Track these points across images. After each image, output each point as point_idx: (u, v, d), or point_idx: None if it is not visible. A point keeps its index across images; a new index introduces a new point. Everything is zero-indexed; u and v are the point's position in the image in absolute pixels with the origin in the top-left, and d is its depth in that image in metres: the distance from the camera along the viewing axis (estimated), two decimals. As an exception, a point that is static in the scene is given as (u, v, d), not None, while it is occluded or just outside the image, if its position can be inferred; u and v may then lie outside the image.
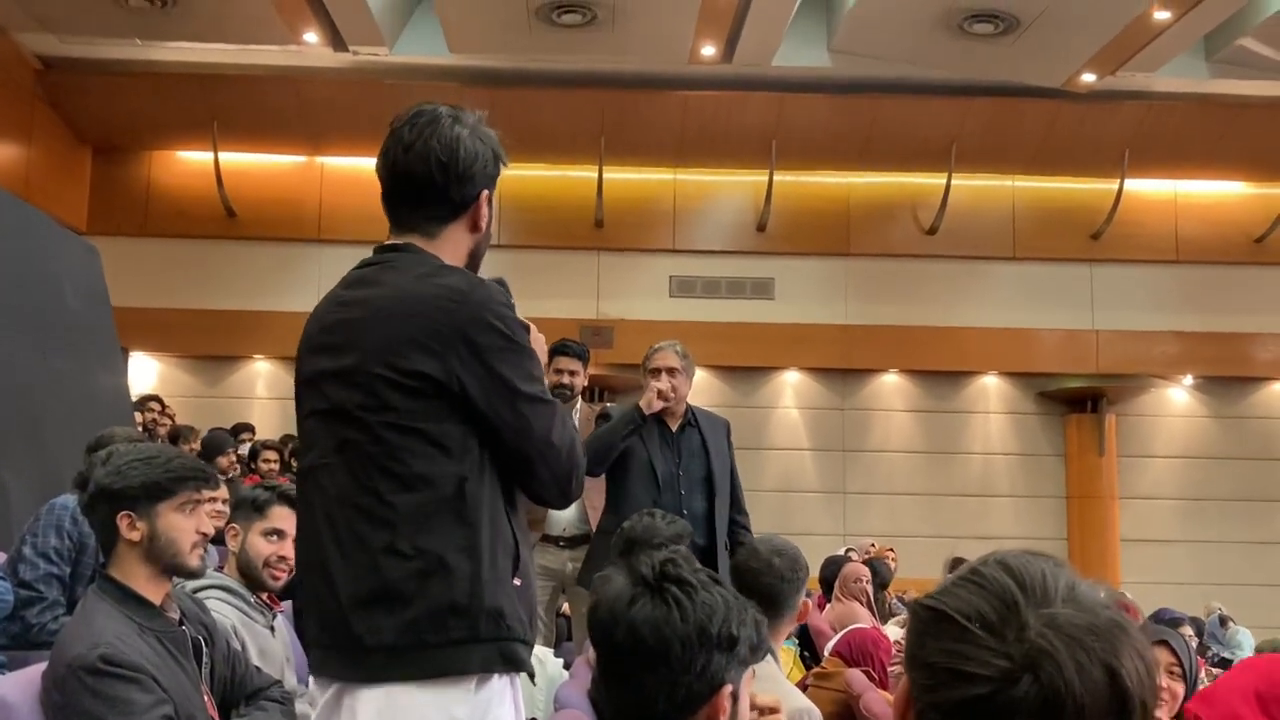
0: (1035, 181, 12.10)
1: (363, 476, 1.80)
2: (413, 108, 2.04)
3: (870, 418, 12.04)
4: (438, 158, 1.96)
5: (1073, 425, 12.06)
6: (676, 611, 1.49)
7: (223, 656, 2.44)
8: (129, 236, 11.28)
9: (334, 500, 1.81)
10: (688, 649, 1.48)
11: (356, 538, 1.78)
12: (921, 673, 1.02)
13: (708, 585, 1.55)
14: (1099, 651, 0.97)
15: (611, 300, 11.83)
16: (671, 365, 4.27)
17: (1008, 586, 1.00)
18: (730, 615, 1.53)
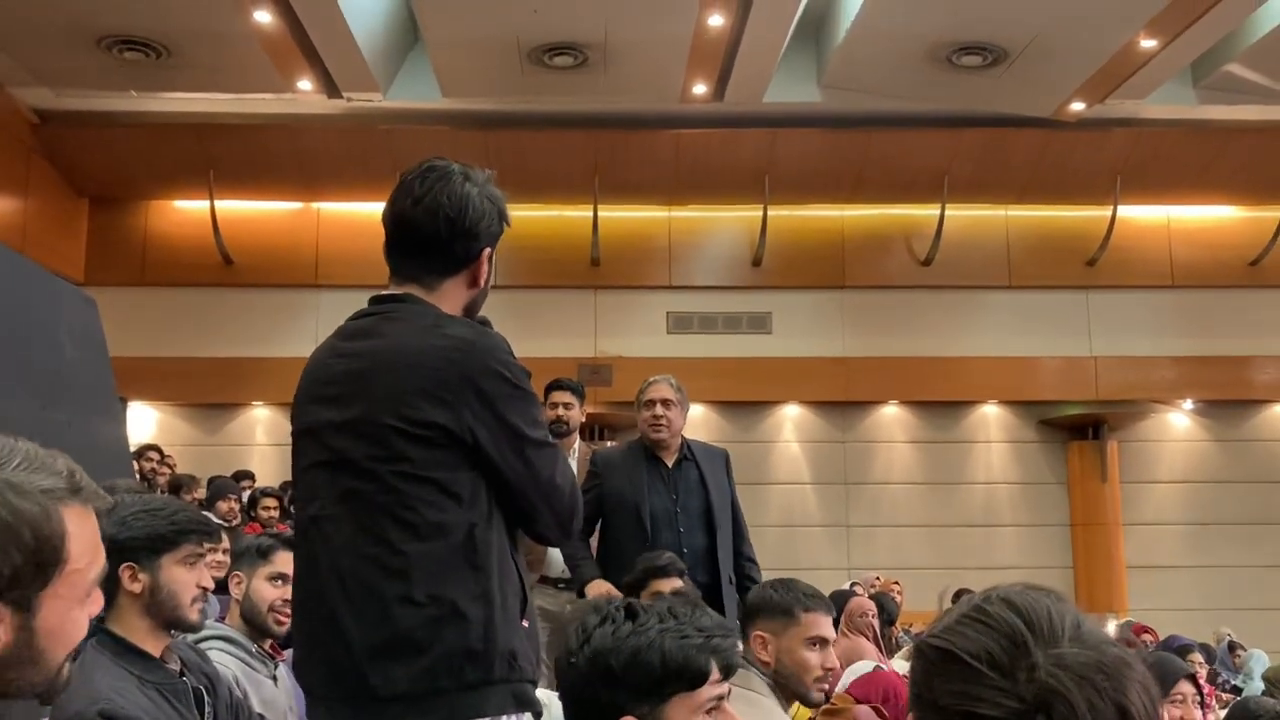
0: (1028, 210, 12.16)
1: (372, 526, 1.80)
2: (424, 162, 2.06)
3: (871, 450, 12.01)
4: (445, 213, 1.98)
5: (1074, 452, 12.03)
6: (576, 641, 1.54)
7: (225, 706, 2.42)
8: (127, 286, 11.30)
9: (340, 550, 1.81)
10: (590, 681, 1.52)
11: (367, 588, 1.78)
12: (931, 713, 1.01)
13: (618, 621, 1.55)
14: (1109, 691, 0.96)
15: (609, 338, 11.85)
16: (665, 397, 4.25)
17: (1016, 625, 1.00)
18: (623, 651, 1.53)
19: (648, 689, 1.51)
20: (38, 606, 1.14)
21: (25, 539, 1.11)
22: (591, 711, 1.52)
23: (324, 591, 1.81)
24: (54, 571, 1.14)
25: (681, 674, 1.52)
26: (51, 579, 1.14)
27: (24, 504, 1.12)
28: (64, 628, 1.18)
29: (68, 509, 1.15)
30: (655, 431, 4.24)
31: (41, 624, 1.15)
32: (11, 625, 1.13)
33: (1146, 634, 8.60)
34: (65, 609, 1.17)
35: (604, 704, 1.51)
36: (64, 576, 1.15)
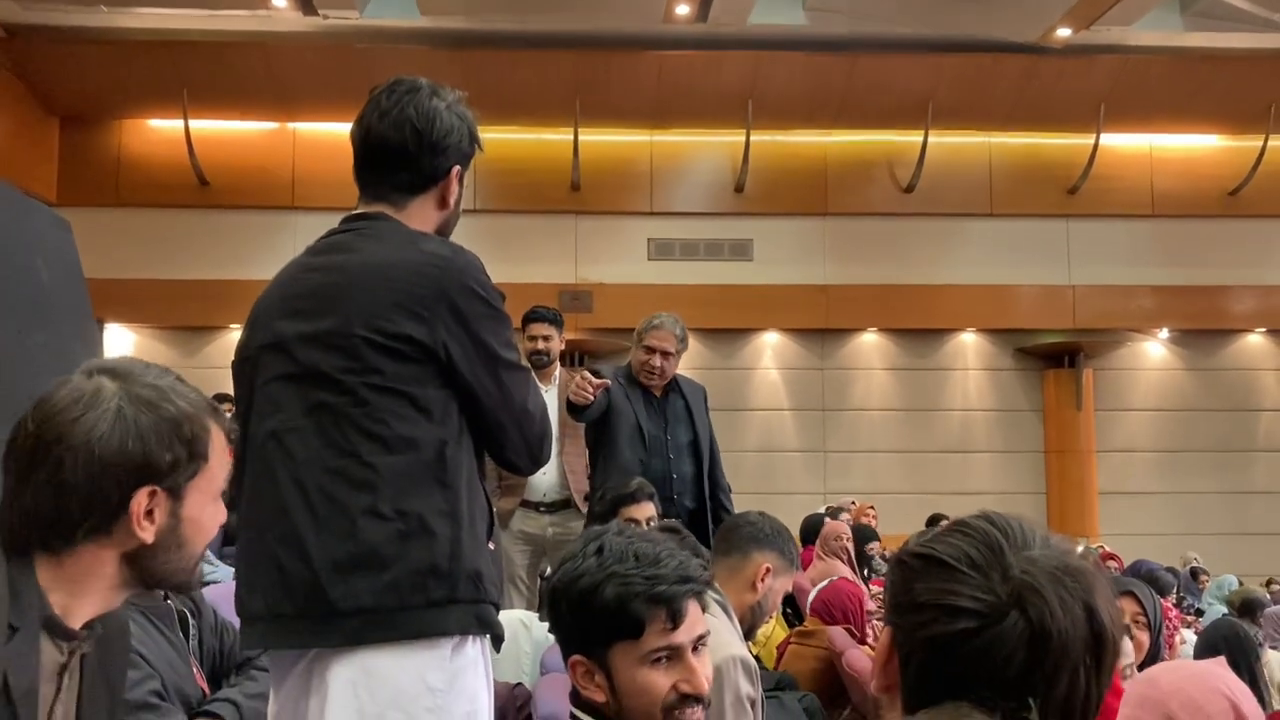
0: (1012, 138, 12.10)
1: (340, 439, 1.77)
2: (393, 78, 2.02)
3: (850, 377, 12.09)
4: (413, 125, 1.95)
5: (1050, 380, 12.14)
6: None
7: (210, 628, 2.45)
8: (100, 207, 11.14)
9: (305, 464, 1.77)
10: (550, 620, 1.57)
11: (332, 501, 1.74)
12: (909, 615, 1.05)
13: (587, 555, 1.56)
14: (1078, 590, 1.01)
15: (590, 264, 11.80)
16: (667, 349, 4.25)
17: (992, 533, 1.06)
18: (580, 584, 1.55)
19: (589, 635, 1.50)
20: (185, 495, 1.33)
21: (185, 433, 1.32)
22: (561, 644, 1.55)
23: (284, 506, 1.76)
24: (201, 466, 1.34)
25: (620, 623, 1.49)
26: (199, 472, 1.34)
27: (184, 405, 1.33)
28: (202, 520, 1.36)
29: (209, 419, 1.36)
30: (648, 378, 4.26)
31: (187, 512, 1.33)
32: (166, 510, 1.31)
33: (1112, 560, 8.77)
34: (204, 503, 1.36)
35: (561, 640, 1.54)
36: (205, 473, 1.35)
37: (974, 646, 0.99)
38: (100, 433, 1.26)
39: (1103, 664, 1.02)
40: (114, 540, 1.29)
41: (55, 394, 1.31)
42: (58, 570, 1.28)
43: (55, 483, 1.26)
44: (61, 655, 1.31)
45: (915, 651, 1.04)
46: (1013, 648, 0.98)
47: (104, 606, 1.35)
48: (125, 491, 1.27)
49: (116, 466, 1.26)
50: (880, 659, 1.11)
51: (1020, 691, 0.98)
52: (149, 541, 1.30)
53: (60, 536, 1.27)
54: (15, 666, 1.21)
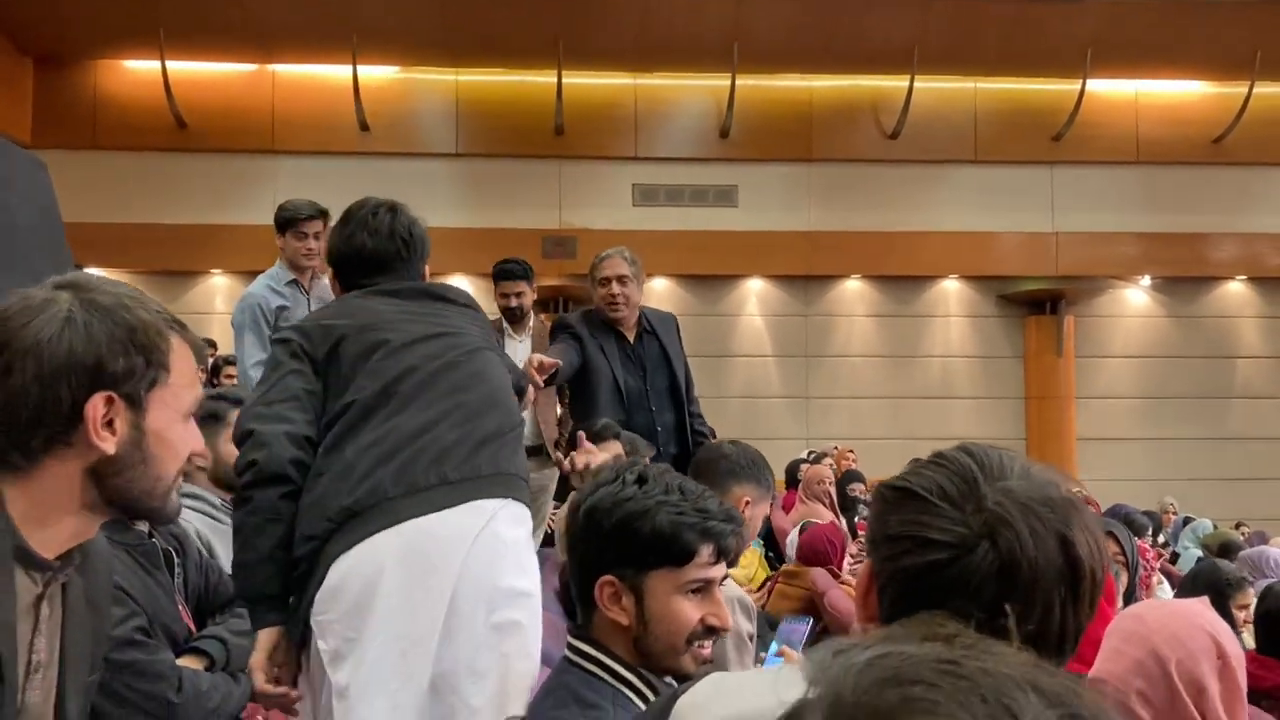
0: (997, 83, 12.03)
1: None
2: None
3: (833, 324, 12.11)
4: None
5: (1031, 327, 12.20)
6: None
7: (195, 566, 2.45)
8: (77, 150, 10.98)
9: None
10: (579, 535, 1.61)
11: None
12: (884, 546, 1.06)
13: (627, 483, 1.58)
14: (1053, 521, 1.01)
15: (574, 210, 11.73)
16: (621, 274, 4.16)
17: (968, 465, 1.05)
18: (617, 513, 1.58)
19: (632, 555, 1.54)
20: (147, 406, 1.29)
21: (141, 339, 1.28)
22: (583, 564, 1.56)
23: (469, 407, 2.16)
24: (161, 376, 1.30)
25: (668, 548, 1.55)
26: (159, 382, 1.30)
27: (141, 313, 1.29)
28: (169, 437, 1.33)
29: (171, 333, 1.33)
30: (613, 310, 4.16)
31: (150, 425, 1.30)
32: (126, 420, 1.28)
33: (1090, 504, 8.87)
34: (170, 419, 1.33)
35: (591, 560, 1.54)
36: (168, 386, 1.32)
37: (945, 577, 1.00)
38: (48, 335, 1.23)
39: (1080, 595, 1.02)
40: (75, 452, 1.26)
41: (7, 304, 1.27)
42: (24, 493, 1.25)
43: (5, 388, 1.23)
44: (36, 586, 1.29)
45: (891, 582, 1.05)
46: (982, 578, 0.99)
47: (77, 534, 1.32)
48: (78, 396, 1.24)
49: (67, 369, 1.23)
50: (861, 591, 1.12)
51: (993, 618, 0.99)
52: (110, 453, 1.26)
53: (18, 448, 1.24)
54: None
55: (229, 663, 2.29)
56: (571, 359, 4.00)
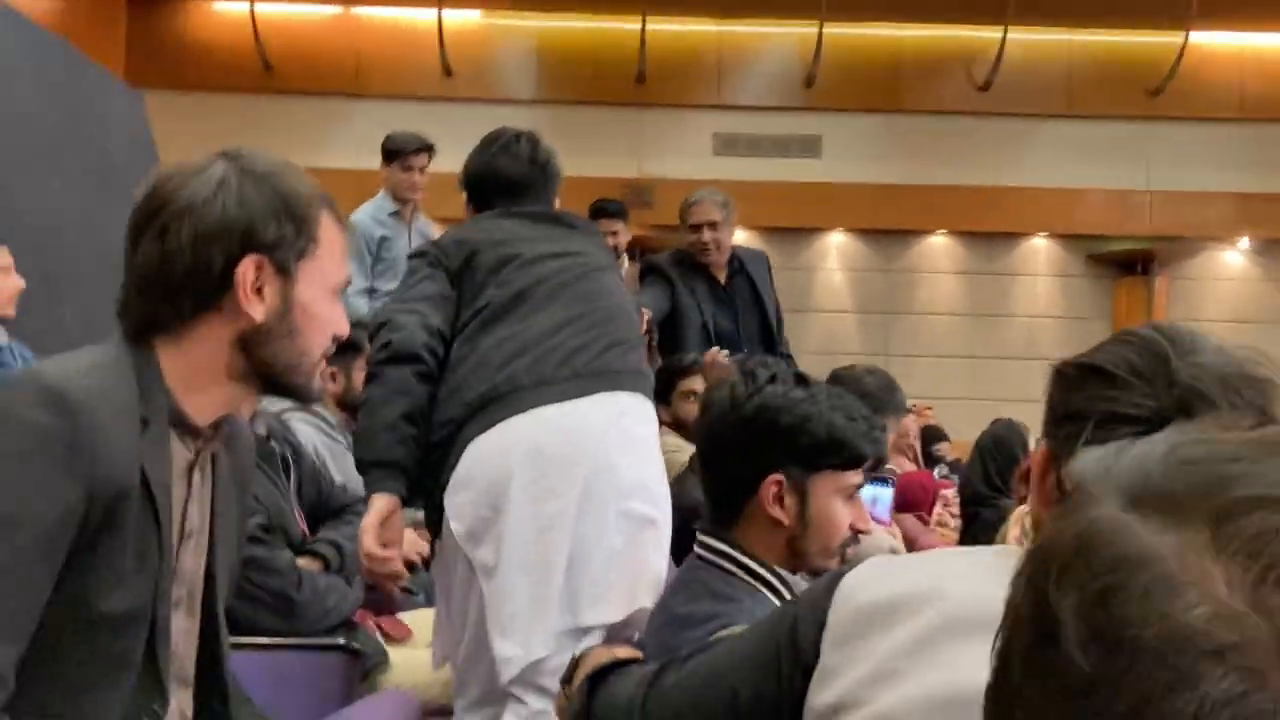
0: (1094, 35, 11.64)
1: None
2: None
3: (915, 280, 11.89)
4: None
5: (1122, 288, 11.87)
6: (741, 394, 1.60)
7: (309, 474, 2.46)
8: (167, 90, 11.10)
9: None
10: (735, 431, 1.59)
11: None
12: (1067, 425, 1.01)
13: (786, 380, 1.56)
14: (1252, 396, 0.94)
15: (653, 159, 11.62)
16: (712, 219, 4.11)
17: (1157, 340, 1.00)
18: (788, 408, 1.56)
19: (804, 455, 1.52)
20: (297, 277, 1.29)
21: (293, 208, 1.28)
22: (739, 460, 1.53)
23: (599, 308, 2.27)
24: (310, 247, 1.30)
25: (840, 451, 1.58)
26: (307, 253, 1.30)
27: (294, 183, 1.30)
28: (316, 311, 1.32)
29: (323, 207, 1.32)
30: (704, 255, 4.12)
31: (298, 296, 1.30)
32: (275, 289, 1.28)
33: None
34: (317, 294, 1.32)
35: (756, 456, 1.51)
36: (317, 259, 1.31)
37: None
38: (203, 196, 1.25)
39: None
40: (225, 318, 1.27)
41: (166, 170, 1.30)
42: (177, 359, 1.26)
43: (161, 248, 1.24)
44: (189, 453, 1.30)
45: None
46: None
47: (226, 404, 1.32)
48: (230, 259, 1.24)
49: (220, 232, 1.24)
50: (1038, 475, 1.07)
51: None
52: (258, 320, 1.26)
53: (172, 310, 1.25)
54: (152, 459, 1.19)
55: (343, 567, 2.29)
56: (661, 303, 3.99)
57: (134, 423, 1.18)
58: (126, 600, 1.15)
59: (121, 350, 1.25)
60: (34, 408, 1.10)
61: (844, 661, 0.96)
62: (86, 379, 1.17)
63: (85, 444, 1.10)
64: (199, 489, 1.31)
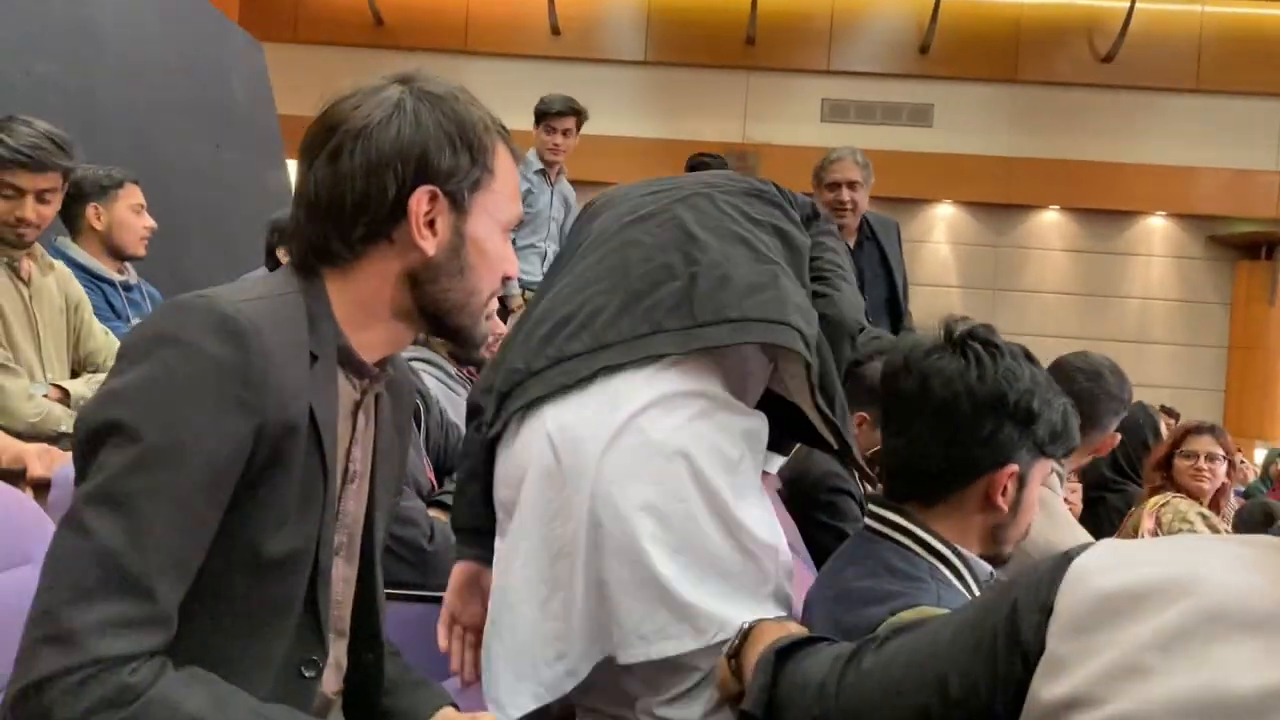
0: (1227, 7, 11.11)
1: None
2: None
3: (1025, 256, 11.55)
4: None
5: (1243, 272, 11.38)
6: (975, 369, 1.38)
7: (436, 424, 2.43)
8: (279, 42, 11.24)
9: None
10: (978, 410, 1.36)
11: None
12: None
13: (1017, 356, 1.43)
14: None
15: (759, 123, 11.44)
16: (852, 179, 3.95)
17: None
18: (1035, 390, 1.40)
19: (1041, 442, 1.41)
20: (470, 210, 1.20)
21: (469, 136, 1.19)
22: (976, 443, 1.38)
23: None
24: (485, 178, 1.21)
25: (1068, 440, 1.45)
26: (482, 185, 1.21)
27: (471, 109, 1.21)
28: (488, 248, 1.23)
29: (498, 137, 1.23)
30: (840, 216, 3.96)
31: (471, 230, 1.21)
32: (447, 222, 1.19)
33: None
34: (490, 228, 1.23)
35: (998, 442, 1.38)
36: (491, 192, 1.22)
37: None
38: (378, 119, 1.16)
39: None
40: (395, 251, 1.18)
41: (340, 91, 1.21)
42: (344, 291, 1.19)
43: (333, 171, 1.16)
44: (355, 393, 1.23)
45: None
46: None
47: (391, 342, 1.25)
48: (403, 187, 1.16)
49: (394, 157, 1.15)
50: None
51: None
52: (430, 254, 1.18)
53: (340, 238, 1.17)
54: (320, 396, 1.14)
55: (472, 520, 2.26)
56: None
57: (304, 357, 1.12)
58: (289, 543, 1.10)
59: (290, 280, 1.19)
60: (206, 335, 1.04)
61: (1079, 653, 0.88)
62: (259, 308, 1.10)
63: (258, 376, 1.05)
64: (363, 431, 1.25)
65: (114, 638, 0.97)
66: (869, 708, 1.05)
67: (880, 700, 1.04)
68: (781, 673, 1.14)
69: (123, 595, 0.98)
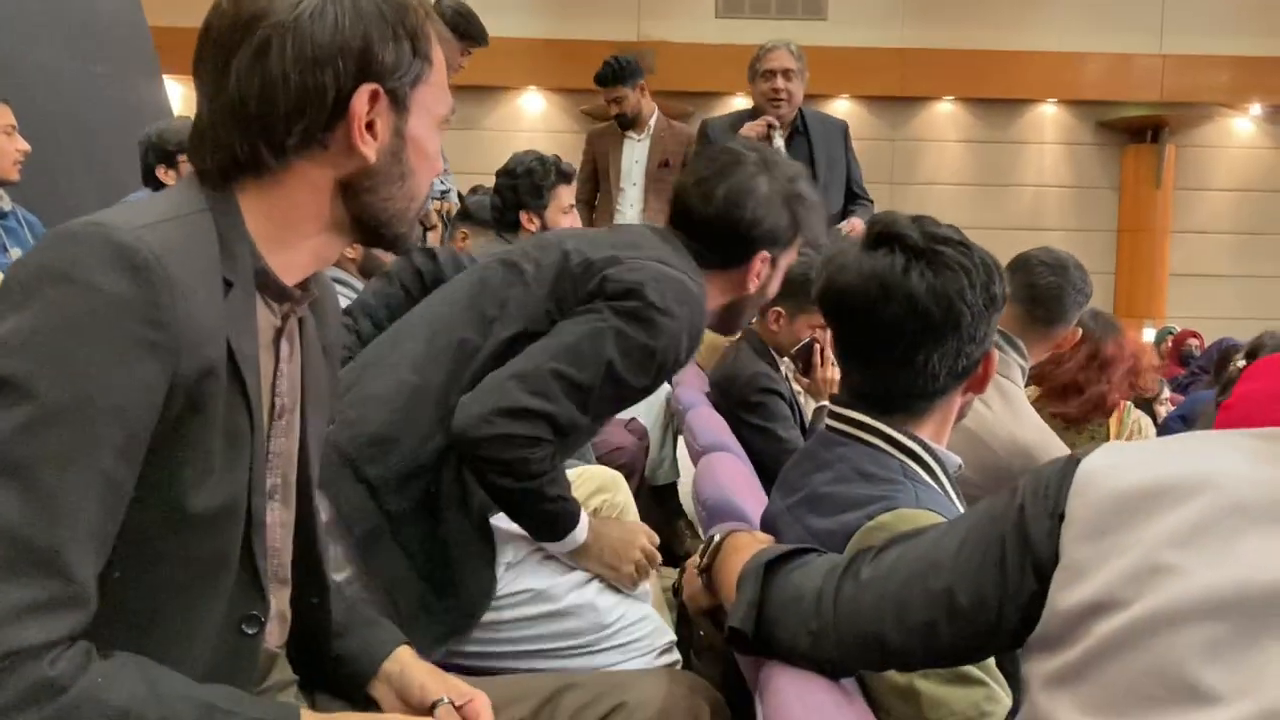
0: (1109, -110, 11.17)
1: None
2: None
3: (921, 149, 11.63)
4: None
5: (1130, 156, 11.64)
6: (963, 276, 1.31)
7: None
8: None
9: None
10: (976, 315, 1.31)
11: None
12: None
13: (970, 243, 1.37)
14: None
15: (653, 21, 11.19)
16: (787, 67, 3.98)
17: None
18: (995, 271, 1.36)
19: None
20: (410, 107, 1.09)
21: (409, 23, 1.06)
22: (967, 338, 1.32)
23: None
24: (426, 71, 1.09)
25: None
26: (422, 78, 1.09)
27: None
28: (428, 148, 1.12)
29: (429, 24, 1.10)
30: (775, 107, 4.00)
31: (412, 130, 1.09)
32: (388, 124, 1.07)
33: (1193, 338, 8.61)
34: (429, 126, 1.12)
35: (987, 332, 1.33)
36: (428, 85, 1.10)
37: None
38: (310, 7, 1.02)
39: None
40: (330, 157, 1.05)
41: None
42: (264, 207, 1.05)
43: (260, 69, 1.01)
44: (275, 319, 1.10)
45: None
46: None
47: (317, 259, 1.11)
48: (344, 86, 1.02)
49: (333, 50, 1.01)
50: None
51: None
52: (370, 161, 1.05)
53: (270, 145, 1.03)
54: (238, 329, 1.00)
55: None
56: None
57: (217, 285, 0.98)
58: (218, 495, 0.98)
59: (195, 197, 1.03)
60: (102, 269, 0.89)
61: (1098, 556, 0.84)
62: (162, 233, 0.95)
63: (166, 313, 0.91)
64: (287, 360, 1.12)
65: (26, 625, 0.84)
66: (870, 622, 1.00)
67: (881, 615, 0.99)
68: (770, 586, 1.09)
69: (32, 576, 0.85)
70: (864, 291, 1.32)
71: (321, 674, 1.26)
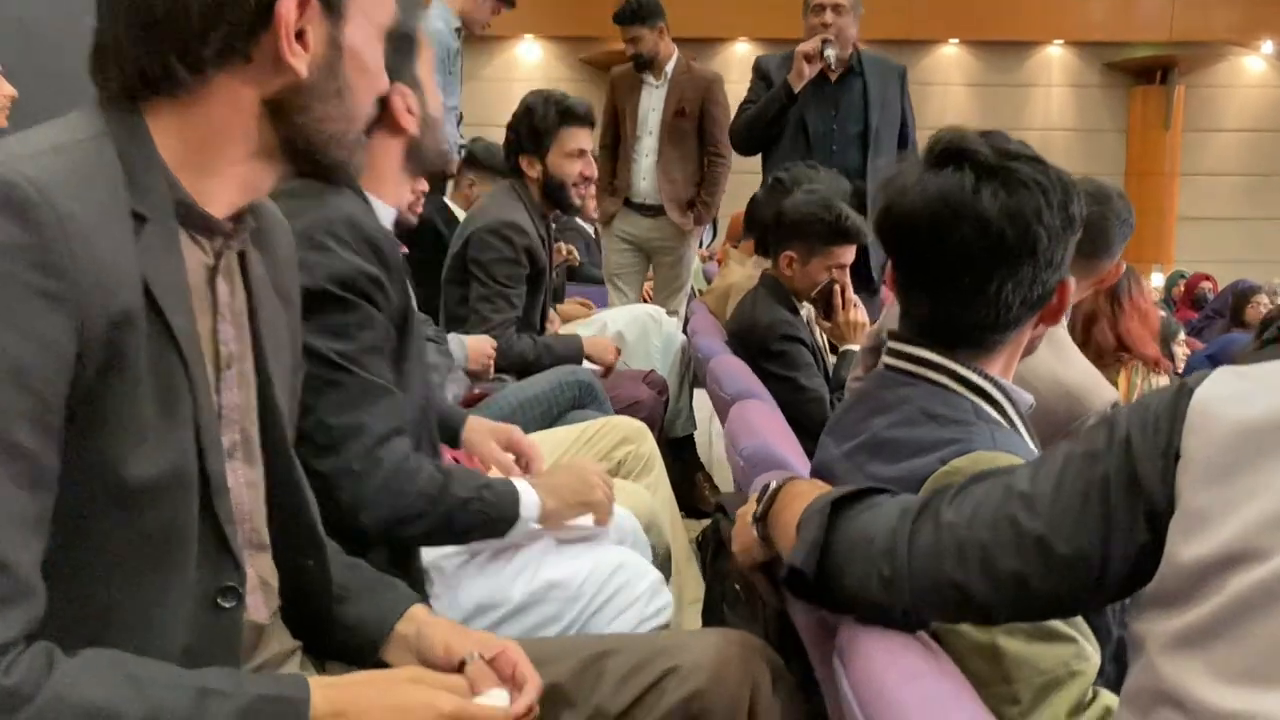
0: None
1: None
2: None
3: (926, 92, 11.42)
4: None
5: (1138, 98, 11.46)
6: (1039, 195, 1.18)
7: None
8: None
9: None
10: (1054, 237, 1.18)
11: None
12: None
13: (1044, 159, 1.24)
14: None
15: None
16: (838, 2, 3.83)
17: None
18: (1073, 189, 1.23)
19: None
20: (346, 14, 0.96)
21: None
22: (1046, 267, 1.20)
23: None
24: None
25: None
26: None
27: None
28: (368, 61, 1.00)
29: None
30: (812, 65, 3.86)
31: (349, 41, 0.97)
32: (322, 34, 0.94)
33: (1206, 281, 8.51)
34: (369, 35, 1.00)
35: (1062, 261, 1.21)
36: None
37: None
38: None
39: None
40: (254, 73, 0.92)
41: None
42: (179, 128, 0.92)
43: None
44: (207, 256, 0.97)
45: None
46: None
47: (246, 189, 0.98)
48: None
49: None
50: None
51: None
52: (301, 75, 0.93)
53: (184, 59, 0.89)
54: (156, 268, 0.87)
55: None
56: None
57: (125, 220, 0.86)
58: (158, 459, 0.86)
59: (91, 120, 0.90)
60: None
61: (1226, 501, 0.74)
62: (49, 165, 0.83)
63: (62, 258, 0.79)
64: (228, 303, 0.99)
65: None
66: (951, 570, 0.89)
67: (965, 562, 0.88)
68: (836, 527, 0.98)
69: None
70: (929, 214, 1.19)
71: (331, 641, 1.14)
